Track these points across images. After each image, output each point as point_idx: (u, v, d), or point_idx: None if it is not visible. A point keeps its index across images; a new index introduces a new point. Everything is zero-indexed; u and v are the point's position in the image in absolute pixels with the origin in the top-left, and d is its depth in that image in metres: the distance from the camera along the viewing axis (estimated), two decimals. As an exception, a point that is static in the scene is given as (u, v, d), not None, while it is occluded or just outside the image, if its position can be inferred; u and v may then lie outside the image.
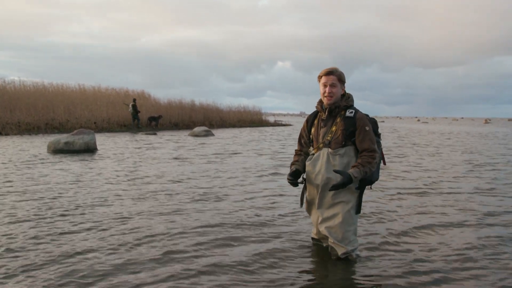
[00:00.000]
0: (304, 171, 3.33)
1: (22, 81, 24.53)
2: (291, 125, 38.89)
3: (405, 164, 9.60)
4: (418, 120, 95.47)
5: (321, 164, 3.16)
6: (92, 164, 8.75)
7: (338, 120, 3.18)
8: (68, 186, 6.17)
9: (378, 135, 3.30)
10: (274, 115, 72.84)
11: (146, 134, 19.90)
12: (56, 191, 5.78)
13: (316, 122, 3.32)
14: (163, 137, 18.19)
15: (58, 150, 10.97)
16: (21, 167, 8.01)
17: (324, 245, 3.44)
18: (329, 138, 3.17)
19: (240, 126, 32.83)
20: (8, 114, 19.71)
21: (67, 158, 9.73)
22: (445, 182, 7.11)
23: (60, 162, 8.96)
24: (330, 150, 3.15)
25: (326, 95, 3.17)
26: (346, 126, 3.12)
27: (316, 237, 3.50)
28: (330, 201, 3.16)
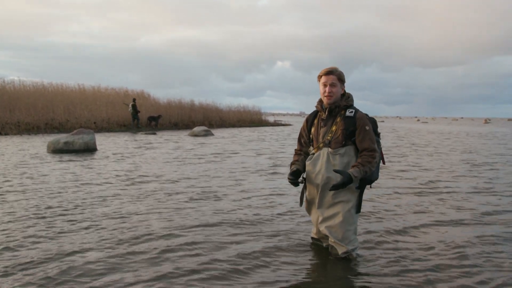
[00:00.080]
0: (304, 171, 3.32)
1: (22, 81, 24.60)
2: (291, 125, 38.89)
3: (404, 164, 9.60)
4: (418, 120, 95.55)
5: (321, 164, 3.16)
6: (92, 164, 8.74)
7: (338, 120, 3.17)
8: (68, 186, 6.16)
9: (378, 135, 3.30)
10: (274, 115, 72.91)
11: (146, 134, 19.90)
12: (56, 191, 5.78)
13: (316, 122, 3.32)
14: (163, 137, 18.18)
15: (58, 150, 10.97)
16: (21, 167, 8.00)
17: (324, 245, 3.43)
18: (329, 138, 3.16)
19: (240, 126, 32.85)
20: (8, 114, 19.71)
21: (67, 158, 9.72)
22: (443, 182, 7.10)
23: (60, 162, 8.95)
24: (330, 150, 3.15)
25: (326, 95, 3.16)
26: (346, 126, 3.12)
27: (316, 237, 3.49)
28: (331, 201, 3.16)
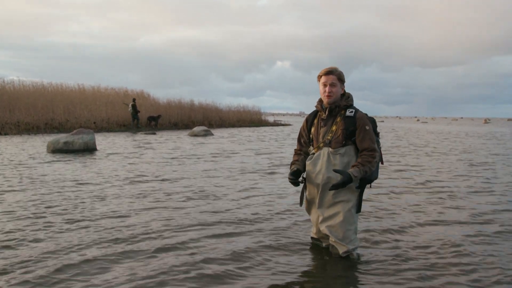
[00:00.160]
0: (304, 171, 3.32)
1: (22, 81, 24.60)
2: (291, 125, 38.89)
3: (402, 164, 9.60)
4: (418, 120, 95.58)
5: (322, 164, 3.16)
6: (91, 164, 8.74)
7: (338, 120, 3.18)
8: (67, 185, 6.16)
9: (377, 134, 3.30)
10: (274, 115, 72.93)
11: (146, 134, 19.89)
12: (55, 190, 5.78)
13: (316, 122, 3.32)
14: (163, 137, 18.18)
15: (58, 150, 10.96)
16: (21, 167, 8.00)
17: (324, 245, 3.43)
18: (330, 138, 3.17)
19: (240, 126, 32.84)
20: (8, 114, 19.70)
21: (67, 158, 9.71)
22: (441, 182, 7.12)
23: (59, 162, 8.95)
24: (331, 150, 3.15)
25: (326, 95, 3.16)
26: (347, 126, 3.13)
27: (316, 237, 3.49)
28: (331, 200, 3.16)
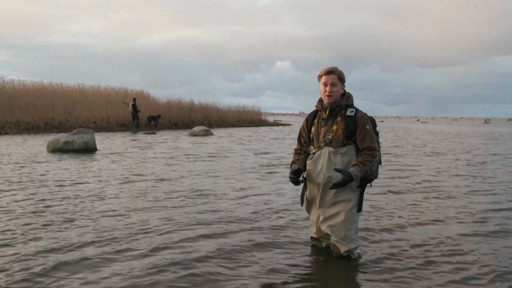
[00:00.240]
0: (305, 170, 3.32)
1: (22, 81, 24.61)
2: (290, 125, 38.89)
3: (401, 164, 9.61)
4: (418, 120, 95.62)
5: (323, 163, 3.16)
6: (91, 163, 8.74)
7: (339, 119, 3.18)
8: (66, 185, 6.15)
9: (377, 134, 3.31)
10: (273, 115, 72.97)
11: (146, 134, 19.88)
12: (55, 190, 5.78)
13: (316, 121, 3.32)
14: (162, 137, 18.18)
15: (58, 150, 10.96)
16: (20, 166, 7.99)
17: (324, 245, 3.43)
18: (330, 137, 3.17)
19: (240, 126, 32.83)
20: (8, 114, 19.70)
21: (66, 158, 9.71)
22: (439, 181, 7.14)
23: (59, 161, 8.94)
24: (331, 149, 3.15)
25: (327, 94, 3.16)
26: (347, 125, 3.13)
27: (316, 236, 3.48)
28: (332, 200, 3.16)
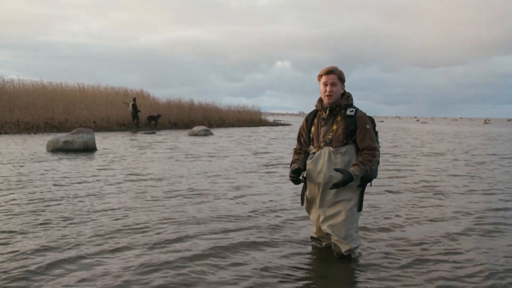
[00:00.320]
0: (305, 169, 3.32)
1: (21, 80, 24.57)
2: (290, 125, 38.87)
3: (399, 164, 9.63)
4: (417, 120, 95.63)
5: (323, 163, 3.16)
6: (91, 163, 8.74)
7: (339, 119, 3.18)
8: (66, 184, 6.15)
9: (376, 133, 3.31)
10: (273, 115, 72.91)
11: (145, 133, 19.89)
12: (54, 189, 5.78)
13: (316, 121, 3.32)
14: (162, 136, 18.19)
15: (57, 149, 10.96)
16: (20, 166, 7.99)
17: (324, 244, 3.44)
18: (330, 137, 3.17)
19: (239, 126, 32.83)
20: (7, 113, 19.69)
21: (66, 157, 9.71)
22: (436, 181, 7.16)
23: (59, 161, 8.95)
24: (332, 149, 3.15)
25: (327, 94, 3.17)
26: (347, 125, 3.13)
27: (316, 236, 3.48)
28: (332, 199, 3.16)
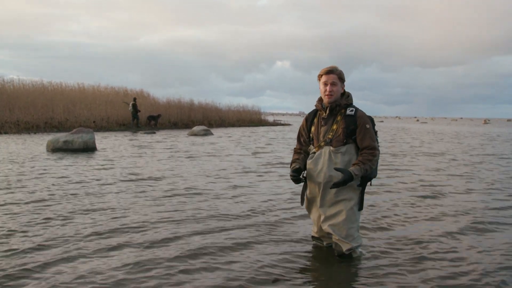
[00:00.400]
0: (305, 169, 3.32)
1: (21, 80, 24.58)
2: (290, 125, 38.88)
3: (397, 163, 9.63)
4: (417, 120, 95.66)
5: (323, 162, 3.17)
6: (90, 162, 8.74)
7: (339, 119, 3.18)
8: (66, 183, 6.15)
9: (375, 133, 3.32)
10: (273, 115, 72.95)
11: (145, 133, 19.89)
12: (53, 188, 5.78)
13: (316, 121, 3.32)
14: (162, 136, 18.19)
15: (57, 149, 10.96)
16: (20, 166, 7.99)
17: (325, 244, 3.44)
18: (331, 136, 3.17)
19: (239, 126, 32.84)
20: (7, 113, 19.69)
21: (66, 157, 9.71)
22: (434, 181, 7.18)
23: (59, 161, 8.94)
24: (332, 148, 3.16)
25: (327, 94, 3.17)
26: (347, 124, 3.14)
27: (317, 236, 3.49)
28: (333, 199, 3.16)
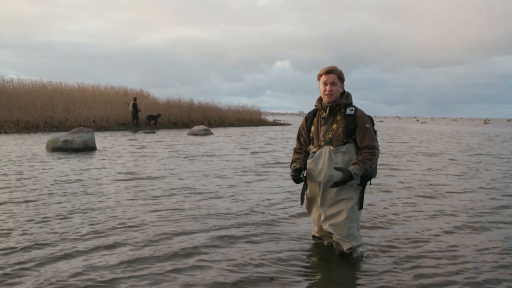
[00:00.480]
0: (305, 169, 3.33)
1: (21, 80, 24.57)
2: (290, 125, 38.89)
3: (395, 163, 9.63)
4: (417, 120, 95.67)
5: (324, 162, 3.17)
6: (90, 162, 8.73)
7: (339, 118, 3.19)
8: (65, 183, 6.15)
9: (374, 132, 3.32)
10: (273, 115, 72.97)
11: (145, 133, 19.88)
12: (52, 188, 5.79)
13: (316, 120, 3.32)
14: (162, 136, 18.18)
15: (57, 149, 10.96)
16: (19, 165, 7.99)
17: (326, 243, 3.44)
18: (331, 136, 3.18)
19: (239, 125, 32.83)
20: (7, 113, 19.68)
21: (66, 156, 9.71)
22: (432, 180, 7.19)
23: (58, 160, 8.94)
24: (332, 148, 3.16)
25: (327, 93, 3.17)
26: (347, 124, 3.14)
27: (317, 235, 3.49)
28: (333, 199, 3.17)
